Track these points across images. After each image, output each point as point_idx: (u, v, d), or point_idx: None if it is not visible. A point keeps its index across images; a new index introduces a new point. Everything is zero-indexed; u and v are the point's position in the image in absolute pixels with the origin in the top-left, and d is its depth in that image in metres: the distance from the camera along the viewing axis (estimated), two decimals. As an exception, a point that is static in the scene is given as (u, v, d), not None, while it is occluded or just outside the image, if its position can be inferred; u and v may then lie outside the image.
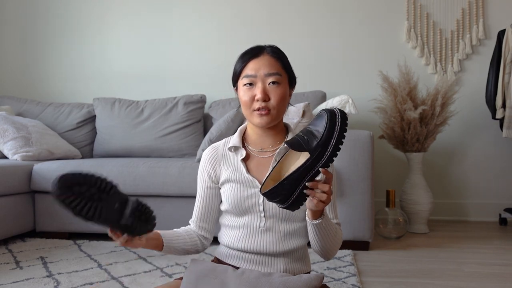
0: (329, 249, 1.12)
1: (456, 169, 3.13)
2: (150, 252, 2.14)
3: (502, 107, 2.70)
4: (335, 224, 1.16)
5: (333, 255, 1.16)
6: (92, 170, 2.40)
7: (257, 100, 1.11)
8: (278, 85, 1.12)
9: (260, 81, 1.11)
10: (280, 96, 1.12)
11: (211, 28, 3.35)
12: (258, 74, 1.12)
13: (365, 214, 2.20)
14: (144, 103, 3.06)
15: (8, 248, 2.20)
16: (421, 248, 2.28)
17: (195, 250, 1.22)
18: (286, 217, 1.14)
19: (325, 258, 1.16)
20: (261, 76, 1.12)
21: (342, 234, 1.17)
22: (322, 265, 1.91)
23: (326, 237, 1.08)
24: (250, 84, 1.12)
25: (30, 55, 3.56)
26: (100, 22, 3.48)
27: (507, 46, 2.68)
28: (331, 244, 1.11)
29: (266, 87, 1.11)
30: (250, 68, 1.13)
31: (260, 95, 1.10)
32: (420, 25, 3.12)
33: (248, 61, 1.14)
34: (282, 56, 1.16)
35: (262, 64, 1.12)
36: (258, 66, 1.12)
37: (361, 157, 2.20)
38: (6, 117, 2.72)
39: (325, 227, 1.06)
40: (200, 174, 1.25)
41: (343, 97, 2.42)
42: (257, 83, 1.12)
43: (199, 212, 1.24)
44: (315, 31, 3.23)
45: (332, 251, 1.14)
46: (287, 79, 1.16)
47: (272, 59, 1.14)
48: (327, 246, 1.11)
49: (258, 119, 1.13)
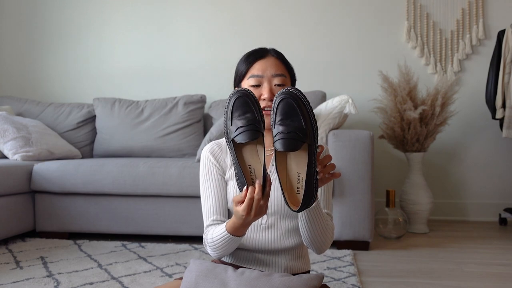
0: (320, 240, 1.10)
1: (456, 169, 3.13)
2: (150, 252, 2.14)
3: (502, 107, 2.69)
4: (326, 214, 1.16)
5: (325, 247, 1.14)
6: (92, 170, 2.39)
7: (264, 100, 1.14)
8: (283, 86, 1.15)
9: (266, 82, 1.15)
10: None
11: (211, 28, 3.34)
12: (265, 75, 1.15)
13: (365, 214, 2.20)
14: (144, 103, 3.06)
15: (8, 248, 2.20)
16: (421, 248, 2.28)
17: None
18: (288, 214, 1.14)
19: (317, 250, 1.14)
20: (268, 76, 1.15)
21: (333, 227, 1.16)
22: (322, 265, 1.91)
23: (317, 225, 1.07)
24: (256, 85, 1.15)
25: (30, 55, 3.56)
26: (100, 22, 3.48)
27: (507, 46, 2.68)
28: (321, 234, 1.09)
29: (272, 87, 1.15)
30: (256, 69, 1.16)
31: (267, 94, 1.13)
32: (420, 25, 3.12)
33: (254, 62, 1.17)
34: (284, 58, 1.21)
35: (268, 65, 1.16)
36: (264, 67, 1.16)
37: (361, 157, 2.20)
38: (6, 117, 2.72)
39: (316, 214, 1.05)
40: (205, 169, 1.20)
41: (343, 97, 2.42)
42: (264, 83, 1.15)
43: (217, 207, 1.18)
44: (315, 31, 3.23)
45: (324, 243, 1.12)
46: (290, 81, 1.20)
47: (277, 60, 1.18)
48: (317, 236, 1.09)
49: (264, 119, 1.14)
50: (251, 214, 0.97)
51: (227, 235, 1.06)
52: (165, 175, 2.33)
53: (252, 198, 0.95)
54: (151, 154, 2.92)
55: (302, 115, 0.94)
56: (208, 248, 1.14)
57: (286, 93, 0.94)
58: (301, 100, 0.94)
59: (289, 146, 0.92)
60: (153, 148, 2.91)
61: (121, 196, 2.40)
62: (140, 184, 2.33)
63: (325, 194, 1.18)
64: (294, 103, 0.93)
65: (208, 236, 1.13)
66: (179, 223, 2.37)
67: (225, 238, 1.07)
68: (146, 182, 2.33)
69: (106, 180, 2.36)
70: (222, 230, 1.07)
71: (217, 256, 1.15)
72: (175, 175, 2.31)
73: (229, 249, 1.10)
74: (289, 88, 0.95)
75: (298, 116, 0.94)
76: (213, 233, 1.11)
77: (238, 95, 0.97)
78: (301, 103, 0.94)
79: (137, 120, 2.98)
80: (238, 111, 0.96)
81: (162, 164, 2.37)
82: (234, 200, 0.99)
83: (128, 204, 2.39)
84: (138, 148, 2.92)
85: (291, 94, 0.94)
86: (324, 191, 1.18)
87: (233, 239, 1.06)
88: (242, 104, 0.96)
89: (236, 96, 0.97)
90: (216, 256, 1.14)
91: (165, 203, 2.37)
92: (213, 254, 1.14)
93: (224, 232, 1.06)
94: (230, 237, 1.06)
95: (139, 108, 3.03)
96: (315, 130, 0.95)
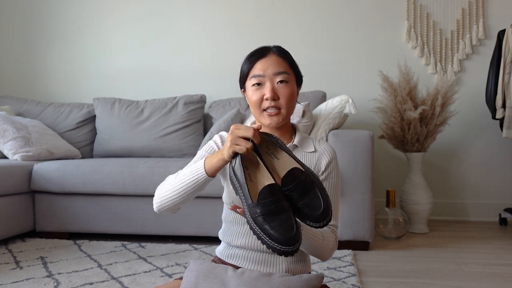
0: (319, 254, 1.11)
1: (456, 169, 3.13)
2: (150, 252, 2.14)
3: (502, 107, 2.69)
4: (329, 225, 1.15)
5: (328, 257, 1.15)
6: (92, 170, 2.38)
7: (266, 99, 1.13)
8: (286, 84, 1.14)
9: (268, 81, 1.13)
10: (289, 94, 1.13)
11: (211, 28, 3.34)
12: (266, 74, 1.13)
13: (365, 214, 2.20)
14: (144, 103, 3.06)
15: (8, 248, 2.20)
16: (421, 248, 2.28)
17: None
18: None
19: (321, 260, 1.15)
20: (270, 75, 1.13)
21: (335, 237, 1.15)
22: (322, 265, 1.91)
23: (312, 244, 1.08)
24: (258, 84, 1.14)
25: (30, 55, 3.56)
26: (100, 22, 3.48)
27: (507, 46, 2.68)
28: (320, 249, 1.10)
29: (274, 86, 1.13)
30: (258, 68, 1.14)
31: (269, 94, 1.12)
32: (420, 25, 3.12)
33: (256, 61, 1.15)
34: (288, 55, 1.19)
35: (269, 63, 1.14)
36: (265, 66, 1.14)
37: (361, 157, 2.20)
38: (6, 117, 2.72)
39: (309, 242, 1.05)
40: (208, 148, 1.20)
41: (343, 97, 2.42)
42: (266, 82, 1.14)
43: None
44: (315, 31, 3.23)
45: (324, 255, 1.13)
46: (294, 78, 1.18)
47: (279, 58, 1.16)
48: (316, 252, 1.10)
49: (268, 120, 1.14)
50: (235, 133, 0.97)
51: (201, 169, 1.05)
52: (165, 175, 2.29)
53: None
54: (151, 154, 2.92)
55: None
56: (163, 185, 1.13)
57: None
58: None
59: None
60: (153, 148, 2.91)
61: (121, 196, 2.40)
62: (140, 184, 2.33)
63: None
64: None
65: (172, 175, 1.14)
66: (179, 223, 2.37)
67: (197, 172, 1.05)
68: (146, 182, 2.33)
69: (106, 180, 2.36)
70: (198, 164, 1.06)
71: (162, 202, 1.11)
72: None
73: (188, 192, 1.08)
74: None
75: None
76: (183, 170, 1.11)
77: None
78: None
79: (137, 120, 2.98)
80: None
81: (162, 164, 2.37)
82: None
83: (128, 204, 2.39)
84: (138, 148, 2.92)
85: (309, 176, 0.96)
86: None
87: (203, 176, 1.05)
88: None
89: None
90: (162, 201, 1.11)
91: (165, 203, 2.36)
92: (162, 195, 1.11)
93: (200, 165, 1.05)
94: (202, 173, 1.05)
95: (139, 108, 3.03)
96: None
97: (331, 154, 1.19)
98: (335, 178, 1.18)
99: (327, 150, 1.20)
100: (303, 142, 1.20)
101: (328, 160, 1.18)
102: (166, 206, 1.12)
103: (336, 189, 1.18)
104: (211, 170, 1.04)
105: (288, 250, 0.87)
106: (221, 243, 1.25)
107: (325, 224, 0.92)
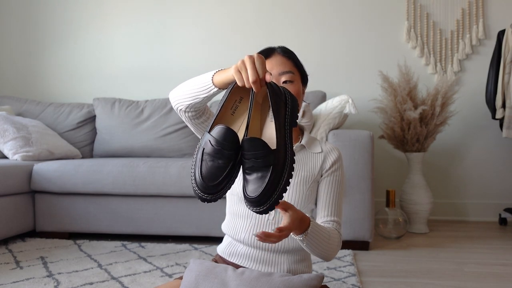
0: (324, 255, 1.09)
1: (456, 169, 3.13)
2: (150, 252, 2.14)
3: (502, 107, 2.70)
4: (332, 221, 1.14)
5: (333, 256, 1.13)
6: (92, 170, 2.39)
7: None
8: (292, 83, 1.14)
9: (274, 81, 1.13)
10: (295, 93, 1.14)
11: (211, 28, 3.34)
12: (272, 74, 1.13)
13: (365, 214, 2.20)
14: (144, 103, 3.06)
15: (8, 248, 2.20)
16: (421, 248, 2.28)
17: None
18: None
19: (325, 260, 1.14)
20: (275, 75, 1.14)
21: (339, 235, 1.13)
22: (322, 265, 1.91)
23: (318, 248, 1.05)
24: None
25: (30, 55, 3.56)
26: (100, 22, 3.48)
27: (507, 46, 2.68)
28: (326, 249, 1.07)
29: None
30: None
31: None
32: (420, 25, 3.12)
33: None
34: (292, 54, 1.19)
35: (274, 64, 1.15)
36: (270, 66, 1.15)
37: (361, 157, 2.20)
38: (6, 117, 2.72)
39: (315, 238, 1.02)
40: None
41: (343, 97, 2.42)
42: None
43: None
44: (315, 31, 3.23)
45: (330, 254, 1.10)
46: (299, 77, 1.19)
47: (283, 58, 1.16)
48: (321, 254, 1.08)
49: None
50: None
51: (210, 81, 0.96)
52: (165, 175, 2.32)
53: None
54: (151, 154, 2.92)
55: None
56: (178, 87, 1.05)
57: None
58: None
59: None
60: (153, 148, 2.91)
61: (121, 196, 2.40)
62: (140, 184, 2.33)
63: (334, 200, 1.16)
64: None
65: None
66: (179, 223, 2.37)
67: (206, 81, 0.97)
68: (146, 182, 2.33)
69: (106, 180, 2.36)
70: (208, 73, 0.98)
71: (179, 97, 1.04)
72: (175, 175, 2.31)
73: (196, 94, 1.00)
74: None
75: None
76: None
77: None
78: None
79: (137, 120, 2.98)
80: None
81: (162, 164, 2.37)
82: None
83: (128, 204, 2.39)
84: (138, 148, 2.92)
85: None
86: (333, 197, 1.16)
87: (210, 87, 0.97)
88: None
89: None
90: (178, 96, 1.04)
91: (165, 203, 2.37)
92: (177, 94, 1.04)
93: (210, 74, 0.97)
94: (210, 84, 0.96)
95: (139, 108, 3.03)
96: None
97: (337, 154, 1.21)
98: (339, 176, 1.19)
99: (333, 151, 1.22)
100: (310, 143, 1.21)
101: (334, 159, 1.20)
102: (181, 107, 1.04)
103: (340, 187, 1.19)
104: (218, 82, 0.96)
105: (202, 197, 0.81)
106: (224, 240, 1.24)
107: (253, 211, 0.83)
